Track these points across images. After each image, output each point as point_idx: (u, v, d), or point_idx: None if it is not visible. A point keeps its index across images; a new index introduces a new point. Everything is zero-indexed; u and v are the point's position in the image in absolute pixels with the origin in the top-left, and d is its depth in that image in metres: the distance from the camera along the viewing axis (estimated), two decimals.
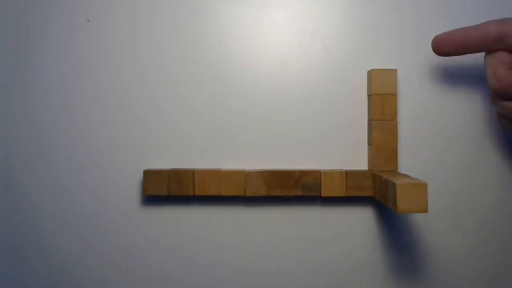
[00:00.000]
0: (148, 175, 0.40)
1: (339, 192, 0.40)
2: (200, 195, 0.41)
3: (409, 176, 0.37)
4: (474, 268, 0.43)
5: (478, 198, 0.43)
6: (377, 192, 0.39)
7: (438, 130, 0.42)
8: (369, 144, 0.42)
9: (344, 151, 0.43)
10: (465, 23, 0.42)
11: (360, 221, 0.43)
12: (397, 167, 0.41)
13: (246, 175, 0.40)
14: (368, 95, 0.43)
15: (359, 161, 0.43)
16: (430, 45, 0.38)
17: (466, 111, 0.43)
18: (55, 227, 0.43)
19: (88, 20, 0.44)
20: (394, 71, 0.41)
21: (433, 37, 0.38)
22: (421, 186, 0.32)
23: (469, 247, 0.43)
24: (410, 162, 0.43)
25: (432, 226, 0.43)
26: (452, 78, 0.43)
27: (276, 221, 0.43)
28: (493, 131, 0.43)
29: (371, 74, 0.41)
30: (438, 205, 0.43)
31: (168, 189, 0.40)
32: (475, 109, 0.43)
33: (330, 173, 0.40)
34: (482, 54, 0.38)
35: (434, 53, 0.38)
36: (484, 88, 0.43)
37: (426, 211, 0.32)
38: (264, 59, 0.44)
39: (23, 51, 0.44)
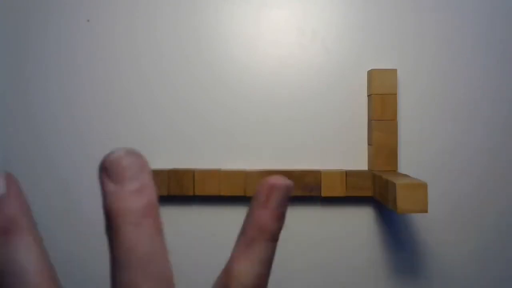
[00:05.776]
0: None
1: (339, 192, 0.40)
2: (200, 195, 0.41)
3: (409, 176, 0.37)
4: (473, 268, 0.43)
5: (477, 197, 0.43)
6: (377, 192, 0.39)
7: (438, 130, 0.42)
8: (369, 144, 0.42)
9: (344, 151, 0.43)
10: (465, 23, 0.43)
11: (360, 221, 0.43)
12: (397, 167, 0.41)
13: (246, 175, 0.40)
14: (368, 95, 0.43)
15: (359, 161, 0.43)
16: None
17: (466, 111, 0.43)
18: (55, 227, 0.43)
19: (88, 20, 0.44)
20: (394, 71, 0.41)
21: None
22: (421, 186, 0.32)
23: (468, 246, 0.43)
24: (410, 162, 0.43)
25: (431, 225, 0.43)
26: (452, 78, 0.43)
27: None
28: (493, 131, 0.43)
29: (371, 74, 0.41)
30: (438, 205, 0.43)
31: (168, 189, 0.40)
32: (475, 109, 0.43)
33: (330, 173, 0.40)
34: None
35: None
36: (483, 88, 0.43)
37: (426, 211, 0.32)
38: (264, 59, 0.44)
39: (23, 51, 0.44)
